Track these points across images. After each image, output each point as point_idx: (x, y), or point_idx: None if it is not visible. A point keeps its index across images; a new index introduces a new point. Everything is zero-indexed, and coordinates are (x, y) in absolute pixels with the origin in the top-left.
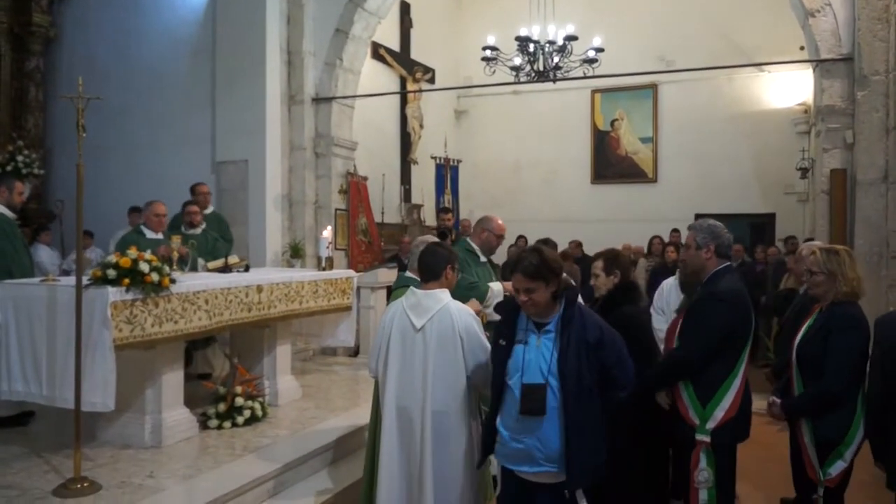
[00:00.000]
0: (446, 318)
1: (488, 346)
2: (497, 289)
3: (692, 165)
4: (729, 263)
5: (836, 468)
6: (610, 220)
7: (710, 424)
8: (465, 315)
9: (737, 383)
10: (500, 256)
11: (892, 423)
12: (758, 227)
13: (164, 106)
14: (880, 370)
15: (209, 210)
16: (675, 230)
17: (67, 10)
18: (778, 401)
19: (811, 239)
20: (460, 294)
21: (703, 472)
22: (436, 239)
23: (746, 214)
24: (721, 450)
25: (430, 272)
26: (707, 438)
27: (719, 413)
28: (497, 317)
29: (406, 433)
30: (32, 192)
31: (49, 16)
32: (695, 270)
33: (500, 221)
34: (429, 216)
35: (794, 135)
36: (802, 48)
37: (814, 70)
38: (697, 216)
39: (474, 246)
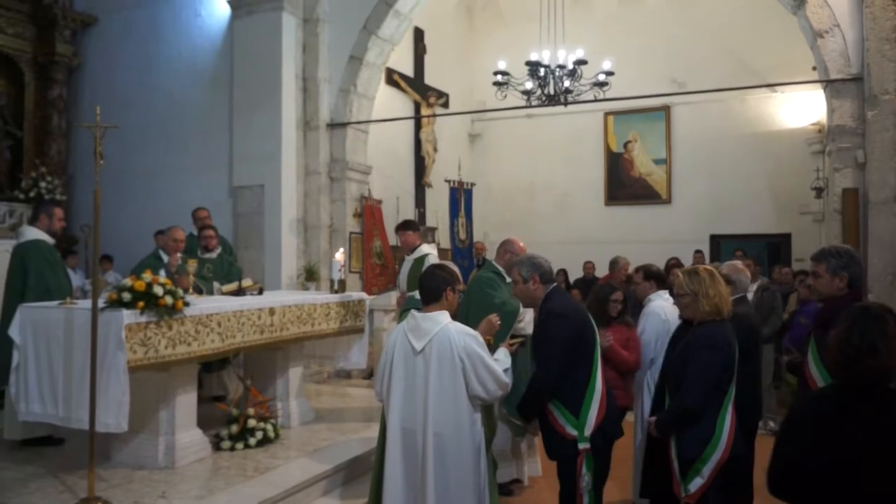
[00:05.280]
0: (445, 340)
1: (492, 364)
2: None
3: (706, 186)
4: (556, 285)
5: (695, 484)
6: (624, 242)
7: (588, 431)
8: (464, 336)
9: (598, 386)
10: None
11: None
12: (773, 248)
13: (184, 132)
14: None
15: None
16: (699, 251)
17: (90, 40)
18: (652, 419)
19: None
20: (488, 313)
21: (584, 478)
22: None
23: (762, 235)
24: (598, 453)
25: (429, 295)
26: (588, 445)
27: (592, 418)
28: (529, 331)
29: (410, 455)
30: None
31: (72, 46)
32: (530, 300)
33: (521, 244)
34: (443, 239)
35: (808, 154)
36: (815, 68)
37: (824, 90)
38: (713, 237)
39: (500, 268)
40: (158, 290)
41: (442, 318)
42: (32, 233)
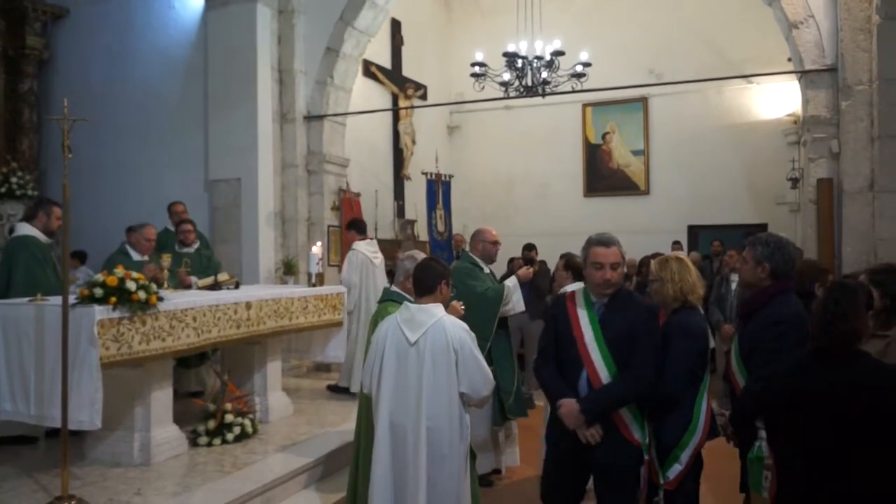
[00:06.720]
0: (440, 332)
1: (482, 360)
2: (512, 283)
3: (684, 177)
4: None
5: (674, 471)
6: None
7: (647, 440)
8: (458, 329)
9: None
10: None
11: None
12: None
13: (158, 126)
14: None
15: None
16: (677, 242)
17: (61, 32)
18: None
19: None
20: (477, 303)
21: (660, 494)
22: (423, 254)
23: (739, 225)
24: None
25: (424, 287)
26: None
27: (647, 427)
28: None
29: (399, 449)
30: None
31: (43, 38)
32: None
33: (491, 231)
34: (421, 231)
35: (784, 145)
36: (790, 59)
37: (799, 81)
38: (690, 228)
39: (476, 259)
40: (131, 285)
41: (437, 310)
42: (26, 229)
